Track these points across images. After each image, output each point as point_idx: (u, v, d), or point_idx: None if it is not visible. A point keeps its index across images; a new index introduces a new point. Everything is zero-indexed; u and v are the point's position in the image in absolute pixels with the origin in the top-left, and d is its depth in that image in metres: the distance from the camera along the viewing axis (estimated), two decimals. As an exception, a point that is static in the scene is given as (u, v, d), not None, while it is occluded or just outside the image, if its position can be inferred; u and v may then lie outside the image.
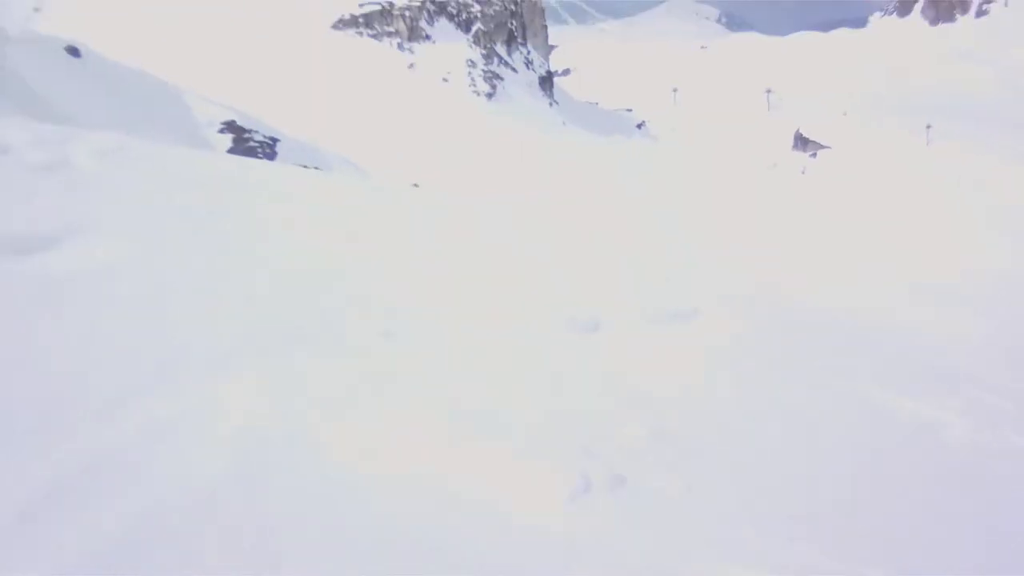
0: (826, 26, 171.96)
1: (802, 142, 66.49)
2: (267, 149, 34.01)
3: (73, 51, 33.00)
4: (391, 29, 57.73)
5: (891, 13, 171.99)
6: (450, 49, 58.02)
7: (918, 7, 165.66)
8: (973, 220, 38.45)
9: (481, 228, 10.33)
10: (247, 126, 34.68)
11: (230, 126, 34.47)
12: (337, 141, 39.14)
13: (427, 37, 58.42)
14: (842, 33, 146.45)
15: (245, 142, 33.91)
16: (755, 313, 8.51)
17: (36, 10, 57.99)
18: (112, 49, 38.64)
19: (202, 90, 37.82)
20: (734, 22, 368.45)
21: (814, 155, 61.83)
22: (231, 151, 32.21)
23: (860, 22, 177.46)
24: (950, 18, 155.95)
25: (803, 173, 55.12)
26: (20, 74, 26.48)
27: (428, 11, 60.10)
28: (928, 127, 65.62)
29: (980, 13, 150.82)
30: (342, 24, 57.50)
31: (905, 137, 63.63)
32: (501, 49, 64.92)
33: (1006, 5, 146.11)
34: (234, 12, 56.88)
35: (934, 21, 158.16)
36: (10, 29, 37.70)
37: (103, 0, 57.64)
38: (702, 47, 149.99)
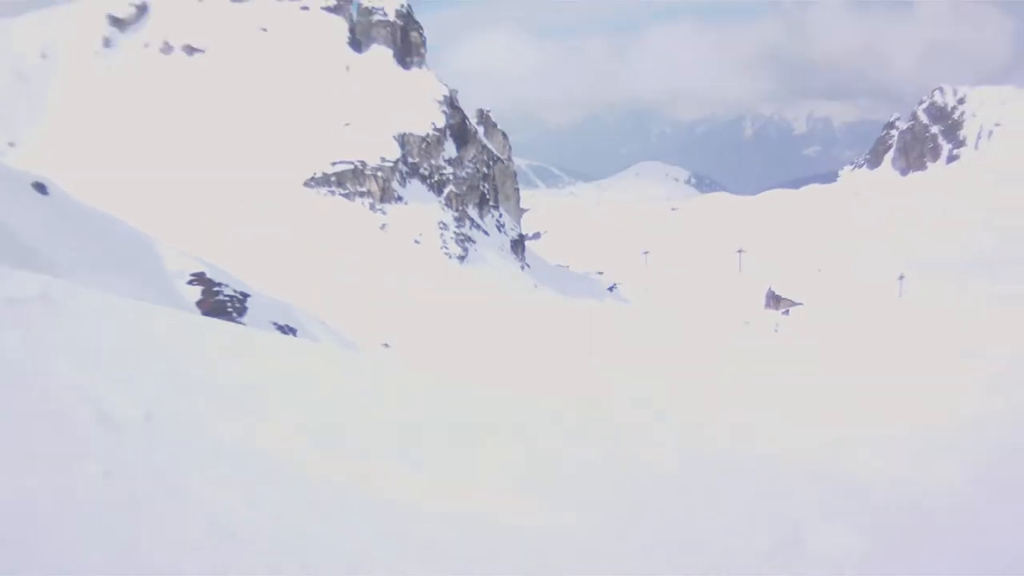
0: (796, 183, 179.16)
1: (774, 300, 67.12)
2: (237, 304, 33.28)
3: (40, 187, 32.30)
4: (363, 189, 58.06)
5: (861, 166, 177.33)
6: (422, 211, 58.39)
7: (888, 157, 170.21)
8: (934, 369, 38.36)
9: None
10: (217, 279, 34.00)
11: (199, 278, 33.65)
12: (309, 299, 38.62)
13: (399, 198, 58.79)
14: (812, 189, 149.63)
15: (215, 295, 33.14)
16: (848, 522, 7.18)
17: (11, 144, 58.66)
18: (83, 189, 38.26)
19: (172, 239, 37.32)
20: (703, 183, 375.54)
21: (786, 312, 62.15)
22: (199, 303, 31.56)
23: (830, 177, 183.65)
24: (921, 166, 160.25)
25: (776, 330, 55.01)
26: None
27: (400, 172, 60.69)
28: (901, 278, 66.20)
29: (951, 158, 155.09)
30: (314, 182, 57.79)
31: (879, 290, 64.03)
32: (473, 212, 65.50)
33: (976, 148, 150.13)
34: (207, 164, 57.20)
35: (905, 171, 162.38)
36: (-25, 163, 37.47)
37: (78, 140, 58.04)
38: (672, 208, 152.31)
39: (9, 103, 63.37)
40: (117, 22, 74.21)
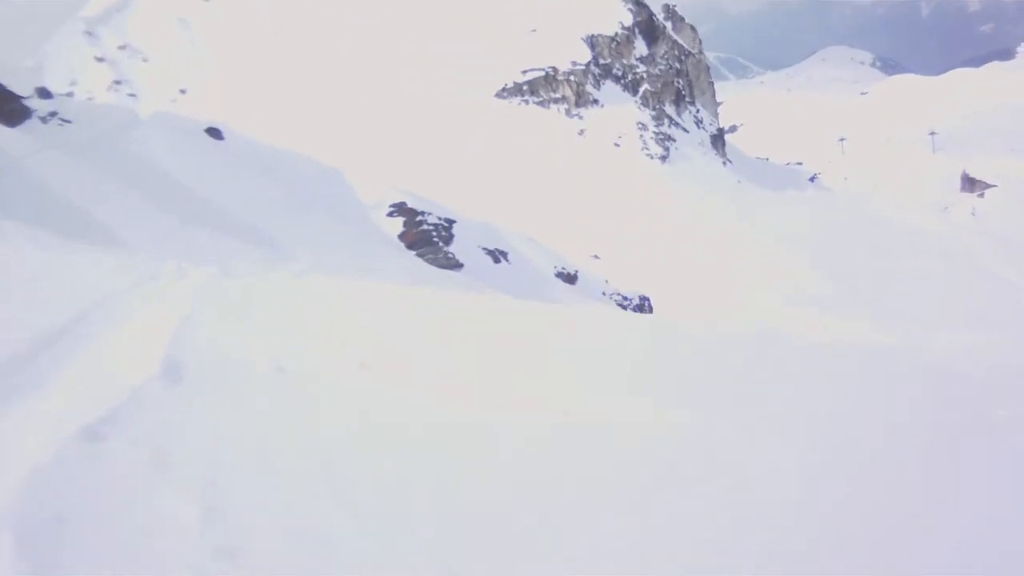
0: (977, 61, 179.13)
1: (969, 183, 64.38)
2: (443, 232, 31.94)
3: (215, 132, 31.79)
4: (557, 95, 55.81)
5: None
6: (619, 112, 55.74)
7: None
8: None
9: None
10: (419, 207, 32.69)
11: (400, 209, 32.51)
12: (514, 215, 37.16)
13: (595, 101, 56.23)
14: (994, 67, 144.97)
15: (418, 225, 31.86)
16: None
17: (182, 91, 58.78)
18: (260, 130, 37.56)
19: (364, 169, 36.21)
20: (888, 65, 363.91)
21: (982, 195, 59.29)
22: (402, 236, 30.46)
23: (1007, 54, 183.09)
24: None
25: (973, 215, 54.24)
26: (152, 158, 24.95)
27: (593, 75, 58.03)
28: None
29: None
30: (506, 92, 55.88)
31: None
32: (670, 109, 62.40)
33: None
34: (389, 87, 56.11)
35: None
36: (143, 111, 37.09)
37: (254, 80, 57.82)
38: (862, 93, 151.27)
39: (174, 49, 63.59)
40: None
